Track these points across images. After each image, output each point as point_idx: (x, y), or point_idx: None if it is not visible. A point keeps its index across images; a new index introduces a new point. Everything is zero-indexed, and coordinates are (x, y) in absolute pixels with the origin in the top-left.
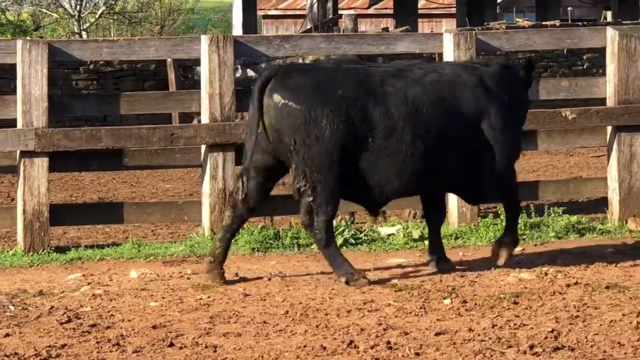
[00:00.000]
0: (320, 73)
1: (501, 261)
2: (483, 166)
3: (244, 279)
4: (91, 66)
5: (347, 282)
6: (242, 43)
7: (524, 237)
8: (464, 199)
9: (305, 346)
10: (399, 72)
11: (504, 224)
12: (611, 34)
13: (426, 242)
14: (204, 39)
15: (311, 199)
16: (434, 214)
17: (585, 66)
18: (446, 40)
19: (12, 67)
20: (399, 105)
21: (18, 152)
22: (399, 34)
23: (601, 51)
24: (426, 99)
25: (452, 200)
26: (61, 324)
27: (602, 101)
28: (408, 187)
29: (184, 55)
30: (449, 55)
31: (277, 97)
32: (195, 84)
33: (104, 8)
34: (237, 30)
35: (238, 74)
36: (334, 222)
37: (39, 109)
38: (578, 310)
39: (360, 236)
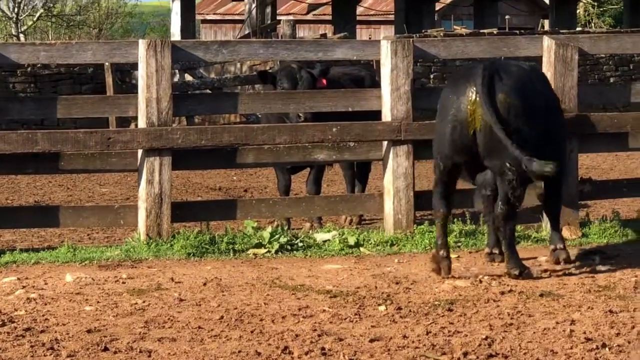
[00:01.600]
0: (520, 71)
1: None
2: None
3: (179, 284)
4: (28, 69)
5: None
6: (179, 48)
7: (459, 244)
8: None
9: (240, 352)
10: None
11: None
12: (548, 43)
13: (361, 249)
14: (142, 44)
15: (518, 192)
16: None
17: None
18: (384, 47)
19: None
20: None
21: None
22: (336, 40)
23: (538, 60)
24: None
25: (388, 208)
26: None
27: None
28: None
29: (122, 60)
30: (386, 62)
31: (507, 96)
32: (133, 88)
33: (42, 11)
34: (175, 34)
35: (175, 79)
36: (270, 228)
37: None
38: (512, 318)
39: (296, 242)
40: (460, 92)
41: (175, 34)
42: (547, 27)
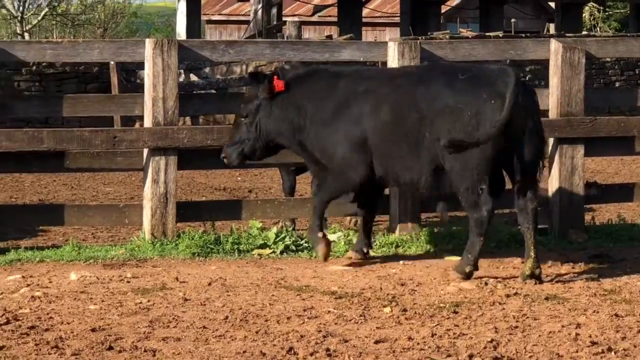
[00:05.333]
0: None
1: None
2: None
3: (184, 284)
4: (33, 67)
5: None
6: (186, 47)
7: (463, 246)
8: None
9: (244, 352)
10: None
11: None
12: (555, 46)
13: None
14: (149, 43)
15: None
16: None
17: (527, 78)
18: (391, 48)
19: None
20: None
21: None
22: (343, 41)
23: (544, 63)
24: None
25: (393, 209)
26: (0, 325)
27: (545, 113)
28: None
29: (128, 59)
30: (393, 63)
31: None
32: (138, 88)
33: (46, 10)
34: (181, 35)
35: (181, 79)
36: (275, 228)
37: None
38: (517, 321)
39: (302, 243)
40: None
41: (181, 34)
42: (552, 31)
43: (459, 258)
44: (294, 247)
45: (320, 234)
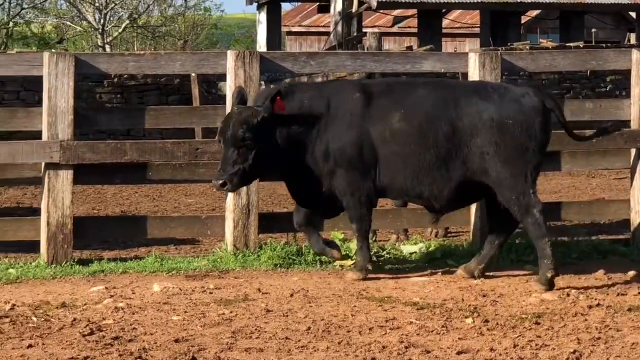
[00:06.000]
0: None
1: None
2: None
3: (266, 295)
4: (115, 80)
5: None
6: (268, 59)
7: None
8: None
9: None
10: None
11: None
12: (637, 56)
13: (448, 262)
14: (231, 55)
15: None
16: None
17: (608, 88)
18: (472, 60)
19: (38, 80)
20: None
21: (43, 164)
22: (424, 53)
23: (625, 73)
24: None
25: (474, 220)
26: (84, 336)
27: (626, 124)
28: None
29: (210, 71)
30: (474, 75)
31: None
32: (219, 100)
33: (127, 22)
34: (262, 46)
35: None
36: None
37: (65, 121)
38: (600, 332)
39: (383, 254)
40: None
41: (262, 45)
42: (633, 41)
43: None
44: (375, 259)
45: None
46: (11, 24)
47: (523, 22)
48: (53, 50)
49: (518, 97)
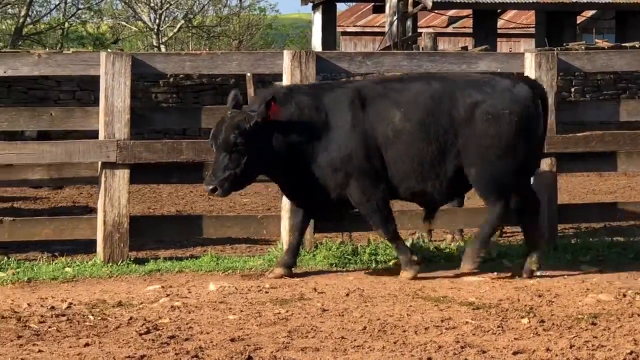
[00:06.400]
0: None
1: None
2: None
3: (322, 294)
4: (171, 79)
5: None
6: (324, 59)
7: (600, 258)
8: None
9: None
10: None
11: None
12: None
13: (503, 261)
14: (287, 54)
15: None
16: None
17: None
18: (528, 59)
19: (94, 79)
20: None
21: (99, 163)
22: (480, 53)
23: None
24: None
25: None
26: (140, 334)
27: None
28: None
29: (266, 70)
30: (530, 74)
31: None
32: None
33: (182, 22)
34: (317, 46)
35: None
36: (411, 239)
37: (121, 120)
38: None
39: (438, 254)
40: None
41: (317, 45)
42: None
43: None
44: (430, 258)
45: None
46: (66, 24)
47: (578, 22)
48: (109, 50)
49: (510, 87)
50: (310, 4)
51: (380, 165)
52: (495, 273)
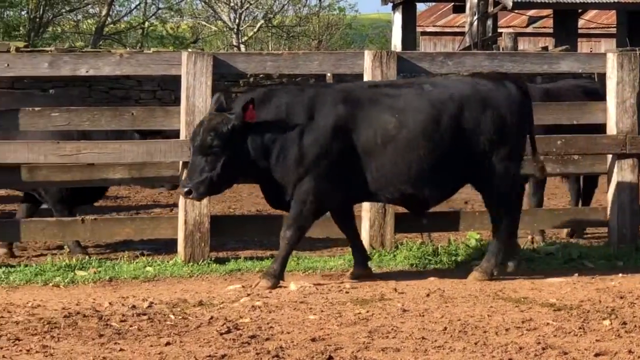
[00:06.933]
0: None
1: None
2: None
3: (402, 294)
4: (251, 79)
5: None
6: (405, 59)
7: None
8: None
9: None
10: None
11: None
12: None
13: (584, 263)
14: (368, 55)
15: None
16: None
17: None
18: (610, 60)
19: (175, 79)
20: None
21: (180, 162)
22: (561, 53)
23: None
24: None
25: (612, 221)
26: (221, 334)
27: None
28: None
29: (347, 70)
30: (612, 75)
31: None
32: None
33: (262, 22)
34: (397, 46)
35: None
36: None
37: None
38: None
39: (520, 255)
40: None
41: (396, 45)
42: None
43: None
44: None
45: None
46: (146, 24)
47: None
48: (189, 49)
49: (498, 87)
50: (390, 4)
51: (352, 173)
52: (577, 274)
